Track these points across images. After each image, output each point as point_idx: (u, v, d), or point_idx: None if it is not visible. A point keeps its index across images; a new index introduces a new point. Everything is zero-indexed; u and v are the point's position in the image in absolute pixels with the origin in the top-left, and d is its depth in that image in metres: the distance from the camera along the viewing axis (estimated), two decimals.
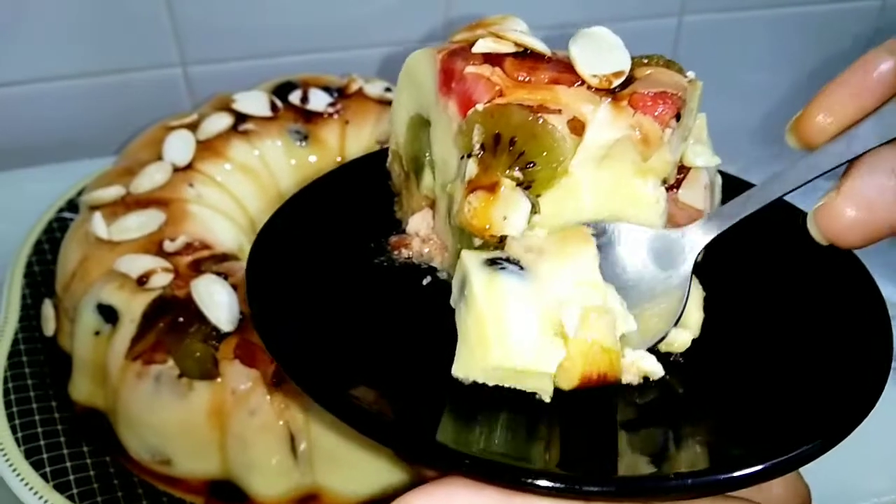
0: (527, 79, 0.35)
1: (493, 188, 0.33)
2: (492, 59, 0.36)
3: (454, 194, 0.36)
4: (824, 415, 0.31)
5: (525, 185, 0.34)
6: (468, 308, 0.32)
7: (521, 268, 0.33)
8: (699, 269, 0.37)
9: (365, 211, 0.44)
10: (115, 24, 0.77)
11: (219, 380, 0.48)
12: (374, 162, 0.46)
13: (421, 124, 0.40)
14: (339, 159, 0.65)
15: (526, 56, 0.37)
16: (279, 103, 0.66)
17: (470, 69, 0.36)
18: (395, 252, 0.41)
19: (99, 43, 0.78)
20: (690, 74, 0.37)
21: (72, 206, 0.67)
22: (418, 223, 0.42)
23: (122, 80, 0.81)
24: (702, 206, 0.39)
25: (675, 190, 0.39)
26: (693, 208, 0.39)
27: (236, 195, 0.62)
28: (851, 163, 0.33)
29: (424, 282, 0.40)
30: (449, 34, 0.40)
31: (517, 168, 0.33)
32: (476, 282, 0.32)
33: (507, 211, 0.33)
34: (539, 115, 0.33)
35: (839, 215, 0.33)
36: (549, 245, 0.34)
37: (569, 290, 0.32)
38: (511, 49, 0.37)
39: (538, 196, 0.34)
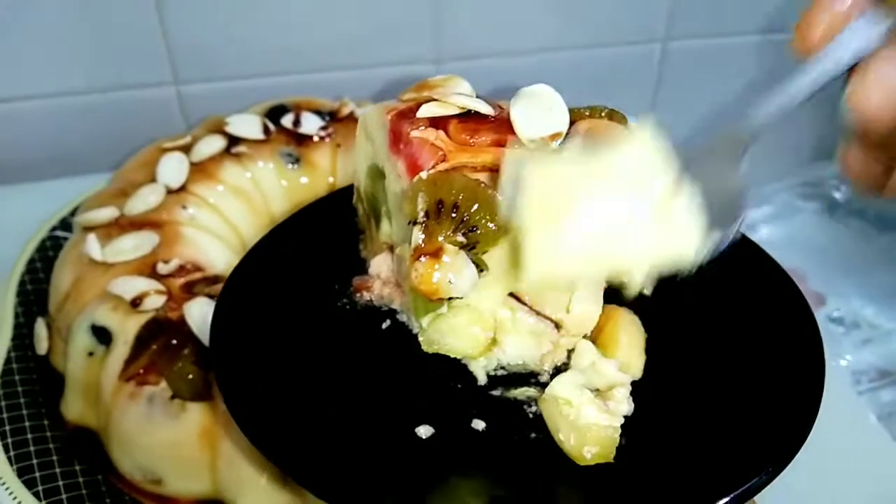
0: (469, 141, 0.37)
1: (437, 253, 0.34)
2: (437, 122, 0.38)
3: (403, 257, 0.37)
4: (768, 445, 0.33)
5: (469, 248, 0.35)
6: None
7: None
8: (646, 316, 0.38)
9: (332, 250, 0.46)
10: (109, 43, 0.78)
11: (210, 401, 0.49)
12: (343, 198, 0.47)
13: (378, 174, 0.42)
14: (330, 180, 0.67)
15: (469, 117, 0.38)
16: (271, 126, 0.67)
17: (415, 133, 0.37)
18: (358, 294, 0.43)
19: (92, 61, 0.79)
20: (632, 125, 0.39)
21: (65, 224, 0.68)
22: (379, 265, 0.43)
23: (115, 98, 0.82)
24: None
25: None
26: None
27: (229, 217, 0.63)
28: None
29: (384, 325, 0.41)
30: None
31: (460, 233, 0.35)
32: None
33: (453, 274, 0.34)
34: (480, 181, 0.35)
35: (868, 98, 0.33)
36: None
37: None
38: (455, 111, 0.38)
39: (484, 253, 0.35)
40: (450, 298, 0.35)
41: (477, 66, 0.86)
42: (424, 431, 0.36)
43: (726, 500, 0.31)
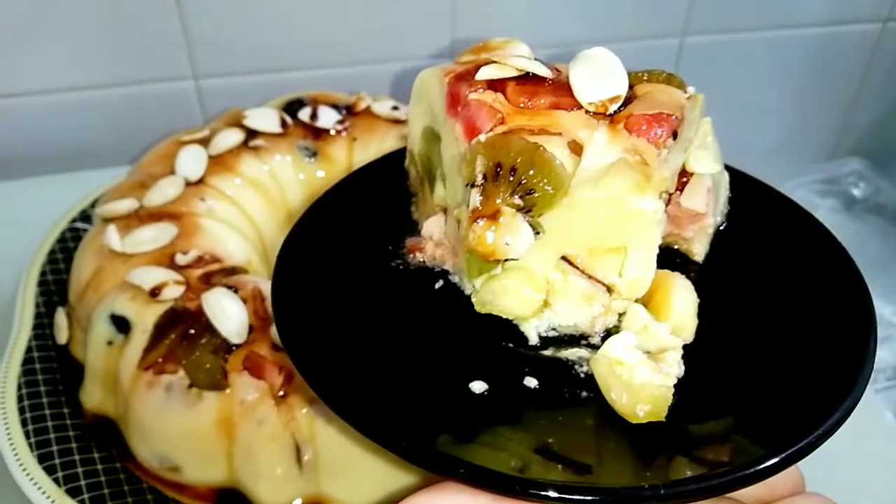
0: (528, 104, 0.37)
1: (495, 216, 0.35)
2: (495, 84, 0.38)
3: (461, 219, 0.37)
4: (819, 408, 0.33)
5: (526, 210, 0.35)
6: None
7: None
8: (697, 282, 0.38)
9: (385, 212, 0.46)
10: (129, 38, 0.79)
11: (227, 391, 0.50)
12: (395, 161, 0.47)
13: (433, 137, 0.42)
14: None
15: (528, 80, 0.38)
16: (289, 120, 0.68)
17: (473, 96, 0.37)
18: (411, 255, 0.43)
19: (112, 55, 0.80)
20: (691, 89, 0.39)
21: (85, 216, 0.69)
22: (432, 227, 0.43)
23: (134, 92, 0.83)
24: (703, 210, 0.41)
25: (678, 193, 0.40)
26: (695, 212, 0.41)
27: (246, 209, 0.64)
28: None
29: (437, 285, 0.42)
30: (455, 52, 0.42)
31: (517, 195, 0.35)
32: None
33: (510, 236, 0.35)
34: (538, 144, 0.35)
35: None
36: None
37: None
38: (514, 73, 0.38)
39: (540, 216, 0.35)
40: (506, 260, 0.35)
41: None
42: (478, 387, 0.36)
43: (776, 459, 0.31)
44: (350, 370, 0.36)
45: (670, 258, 0.42)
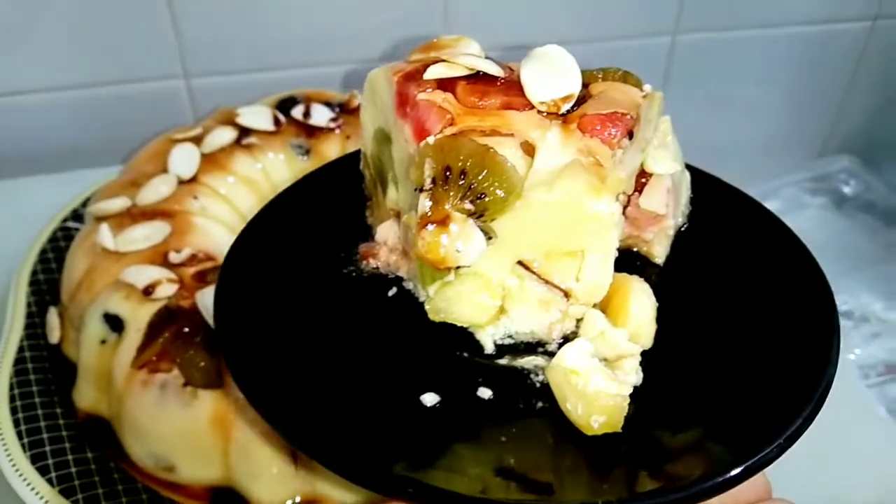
0: (478, 104, 0.36)
1: (444, 221, 0.33)
2: (444, 84, 0.37)
3: (410, 225, 0.36)
4: (779, 417, 0.32)
5: (477, 215, 0.34)
6: None
7: None
8: (658, 286, 0.37)
9: (338, 217, 0.45)
10: (120, 36, 0.79)
11: (222, 389, 0.50)
12: (350, 164, 0.46)
13: (384, 139, 0.41)
14: None
15: (478, 79, 0.37)
16: (282, 118, 0.67)
17: (422, 96, 0.36)
18: (364, 262, 0.42)
19: (103, 54, 0.79)
20: (647, 88, 0.38)
21: (76, 215, 0.68)
22: (386, 232, 0.42)
23: (124, 91, 0.82)
24: (663, 211, 0.40)
25: (637, 194, 0.40)
26: (654, 213, 0.40)
27: (239, 208, 0.64)
28: None
29: (390, 293, 0.41)
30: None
31: (468, 200, 0.34)
32: None
33: (461, 243, 0.33)
34: (488, 146, 0.34)
35: None
36: None
37: None
38: (464, 72, 0.37)
39: (493, 221, 0.34)
40: (457, 267, 0.35)
41: None
42: (430, 399, 0.35)
43: (737, 471, 0.30)
44: (296, 384, 0.35)
45: (630, 261, 0.41)
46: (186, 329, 0.51)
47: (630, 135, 0.35)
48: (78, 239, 0.60)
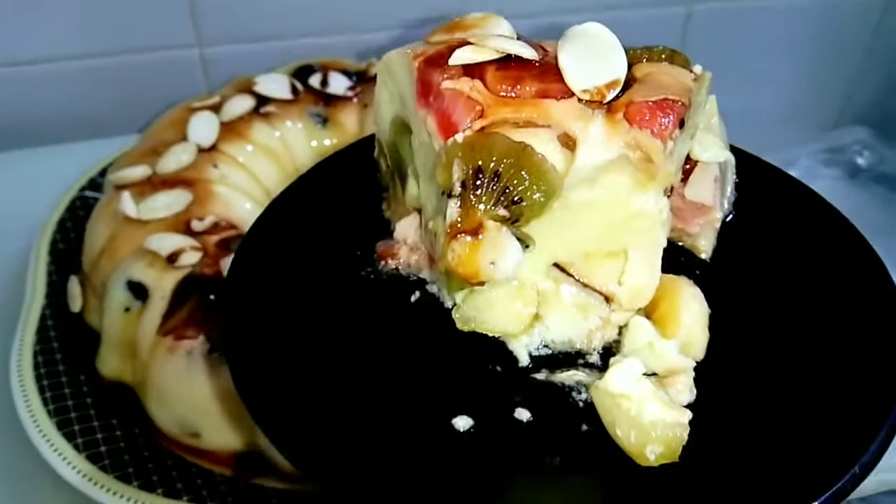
0: (510, 92, 0.32)
1: (477, 231, 0.30)
2: (471, 70, 0.32)
3: (437, 233, 0.32)
4: (853, 437, 0.29)
5: (512, 221, 0.30)
6: None
7: None
8: (705, 285, 0.34)
9: (353, 210, 0.41)
10: (133, 4, 0.78)
11: None
12: (365, 150, 0.42)
13: (403, 129, 0.37)
14: None
15: (509, 64, 0.32)
16: (300, 86, 0.67)
17: (448, 84, 0.32)
18: (382, 262, 0.38)
19: (116, 23, 0.79)
20: (697, 69, 0.34)
21: (93, 184, 0.68)
22: (405, 229, 0.38)
23: (138, 60, 0.82)
24: (710, 202, 0.37)
25: (682, 183, 0.36)
26: (701, 204, 0.37)
27: (258, 176, 0.64)
28: None
29: (413, 298, 0.37)
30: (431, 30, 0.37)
31: (502, 206, 0.30)
32: None
33: (495, 256, 0.30)
34: (524, 144, 0.30)
35: None
36: None
37: None
38: (493, 56, 0.33)
39: (529, 223, 0.31)
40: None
41: None
42: (462, 423, 0.31)
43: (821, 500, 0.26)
44: (313, 412, 0.31)
45: (674, 256, 0.36)
46: (212, 297, 0.51)
47: (681, 123, 0.31)
48: (99, 207, 0.60)
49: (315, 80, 0.68)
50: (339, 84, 0.68)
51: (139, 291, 0.53)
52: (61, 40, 0.78)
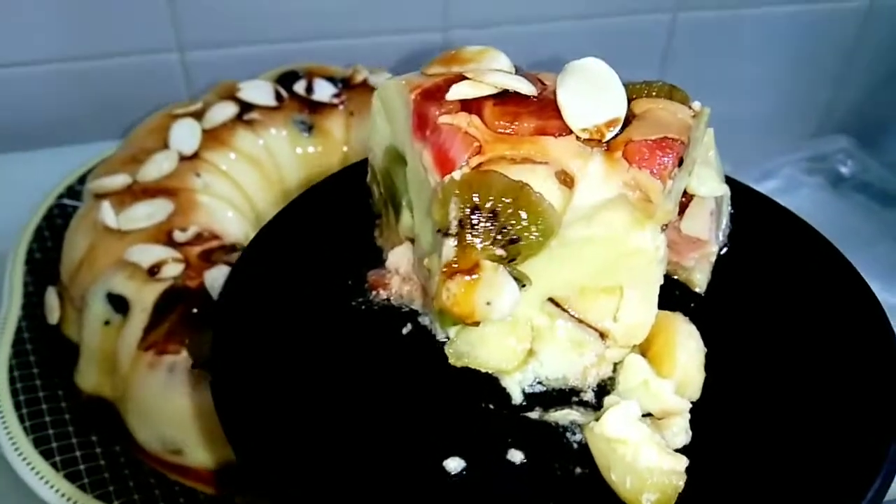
0: (508, 130, 0.31)
1: (473, 270, 0.30)
2: (469, 105, 0.32)
3: (432, 270, 0.32)
4: (853, 480, 0.29)
5: (509, 260, 0.30)
6: None
7: None
8: (700, 321, 0.34)
9: (344, 237, 0.41)
10: (112, 8, 0.76)
11: None
12: (357, 175, 0.41)
13: (397, 158, 0.37)
14: (344, 149, 0.66)
15: (508, 99, 0.32)
16: (284, 93, 0.66)
17: (445, 119, 0.32)
18: (374, 292, 0.38)
19: (94, 26, 0.77)
20: (696, 105, 0.34)
21: (72, 192, 0.67)
22: (398, 259, 0.38)
23: (116, 64, 0.80)
24: (706, 236, 0.37)
25: (678, 217, 0.36)
26: (696, 238, 0.37)
27: (241, 185, 0.62)
28: None
29: (405, 330, 0.36)
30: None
31: (499, 246, 0.30)
32: None
33: (491, 296, 0.30)
34: (523, 183, 0.30)
35: None
36: None
37: None
38: (491, 91, 0.33)
39: (525, 262, 0.31)
40: None
41: (483, 35, 0.85)
42: (454, 465, 0.31)
43: None
44: (296, 448, 0.31)
45: (668, 290, 0.36)
46: (195, 310, 0.49)
47: (681, 161, 0.31)
48: (77, 217, 0.59)
49: (300, 87, 0.66)
50: (324, 91, 0.66)
51: (119, 304, 0.52)
52: (38, 43, 0.76)
